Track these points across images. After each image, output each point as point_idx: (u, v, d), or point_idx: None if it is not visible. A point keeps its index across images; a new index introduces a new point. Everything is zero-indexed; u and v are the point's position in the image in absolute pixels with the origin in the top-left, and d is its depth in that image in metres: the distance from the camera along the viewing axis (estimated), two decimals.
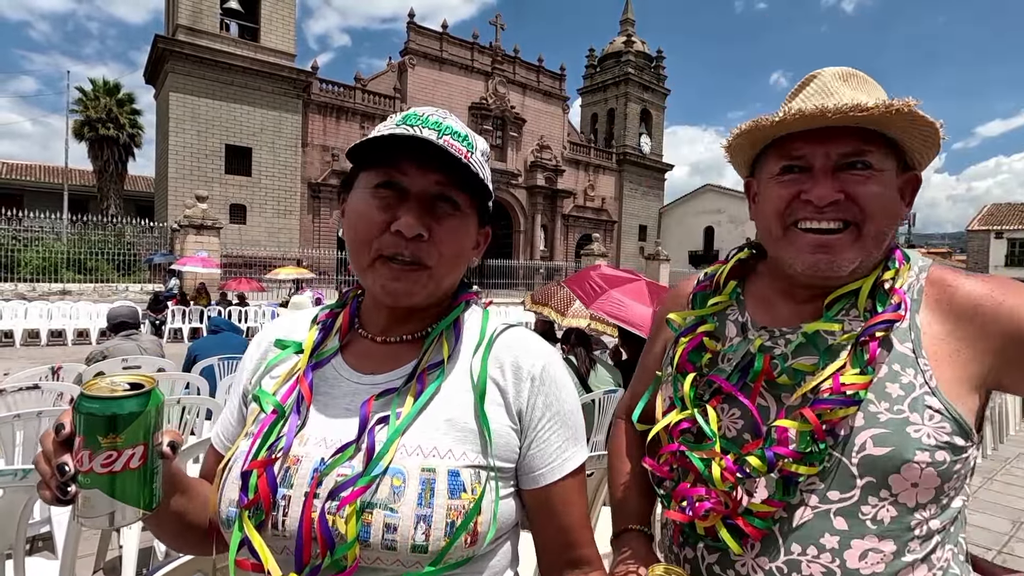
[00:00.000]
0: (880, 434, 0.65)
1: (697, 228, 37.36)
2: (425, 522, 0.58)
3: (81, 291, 13.42)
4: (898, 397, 0.66)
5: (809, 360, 0.72)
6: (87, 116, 22.59)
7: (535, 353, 0.72)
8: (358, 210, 0.67)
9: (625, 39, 35.43)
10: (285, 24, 22.49)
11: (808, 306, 0.76)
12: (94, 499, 0.52)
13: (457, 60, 27.06)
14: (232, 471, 0.64)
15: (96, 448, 0.51)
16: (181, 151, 20.14)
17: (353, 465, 0.61)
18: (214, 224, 15.43)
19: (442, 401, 0.66)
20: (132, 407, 0.52)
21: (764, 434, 0.71)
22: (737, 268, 0.88)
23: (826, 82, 0.75)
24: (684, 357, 0.81)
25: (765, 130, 0.74)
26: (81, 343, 10.63)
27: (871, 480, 0.65)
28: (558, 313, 3.64)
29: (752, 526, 0.69)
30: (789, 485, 0.68)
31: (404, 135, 0.63)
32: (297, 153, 22.58)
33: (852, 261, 0.71)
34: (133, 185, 26.92)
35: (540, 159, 29.59)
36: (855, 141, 0.70)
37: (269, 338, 0.77)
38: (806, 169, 0.72)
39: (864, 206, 0.69)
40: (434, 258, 0.66)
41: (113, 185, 23.05)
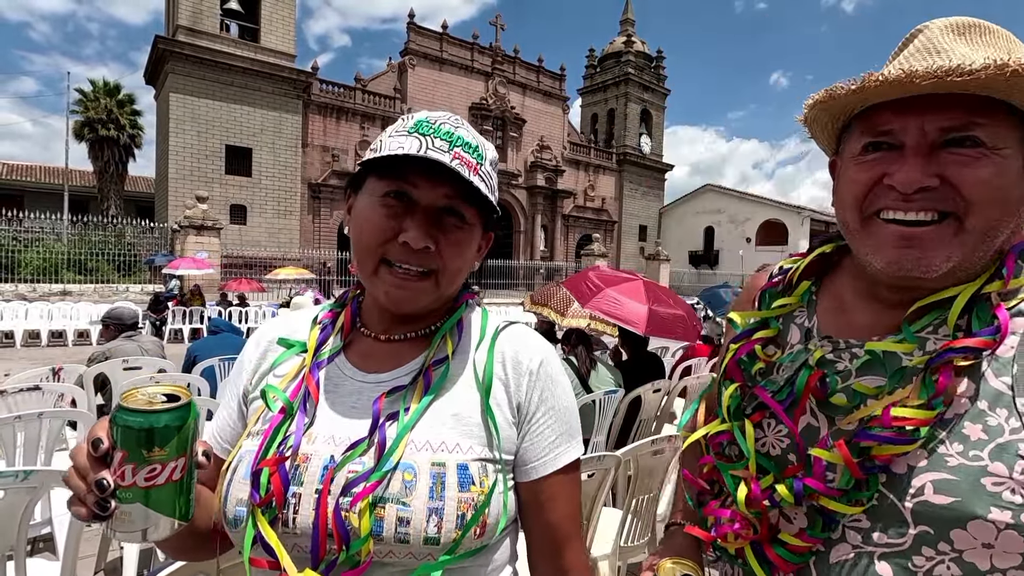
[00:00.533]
0: (945, 480, 0.54)
1: (697, 228, 37.37)
2: (437, 515, 0.59)
3: (82, 292, 13.43)
4: (978, 441, 0.54)
5: (875, 381, 0.61)
6: (87, 117, 22.61)
7: (533, 348, 0.73)
8: (365, 216, 0.68)
9: (625, 39, 35.44)
10: (285, 24, 22.50)
11: (890, 314, 0.64)
12: (133, 513, 0.52)
13: (457, 60, 27.07)
14: (238, 471, 0.65)
15: (140, 462, 0.51)
16: (181, 152, 20.15)
17: (364, 461, 0.62)
18: (214, 225, 15.43)
19: (448, 396, 0.68)
20: (173, 420, 0.52)
21: (804, 459, 0.62)
22: (817, 264, 0.75)
23: (934, 37, 0.60)
24: (732, 364, 0.73)
25: (841, 100, 0.61)
26: (82, 344, 10.63)
27: (926, 530, 0.55)
28: (558, 313, 3.65)
29: (780, 557, 0.62)
30: (827, 522, 0.60)
31: (417, 156, 0.63)
32: (297, 153, 22.59)
33: (948, 260, 0.57)
34: (133, 186, 26.93)
35: (540, 159, 29.60)
36: (960, 112, 0.56)
37: (268, 337, 0.77)
38: (896, 147, 0.59)
39: (968, 194, 0.55)
40: (439, 266, 0.68)
41: (113, 186, 23.06)
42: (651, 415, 3.64)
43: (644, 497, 2.25)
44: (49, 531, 2.23)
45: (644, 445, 2.13)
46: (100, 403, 3.59)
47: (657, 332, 3.49)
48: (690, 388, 4.10)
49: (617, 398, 3.31)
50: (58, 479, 1.60)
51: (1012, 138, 0.57)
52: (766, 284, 0.78)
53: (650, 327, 3.40)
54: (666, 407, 3.83)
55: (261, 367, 0.75)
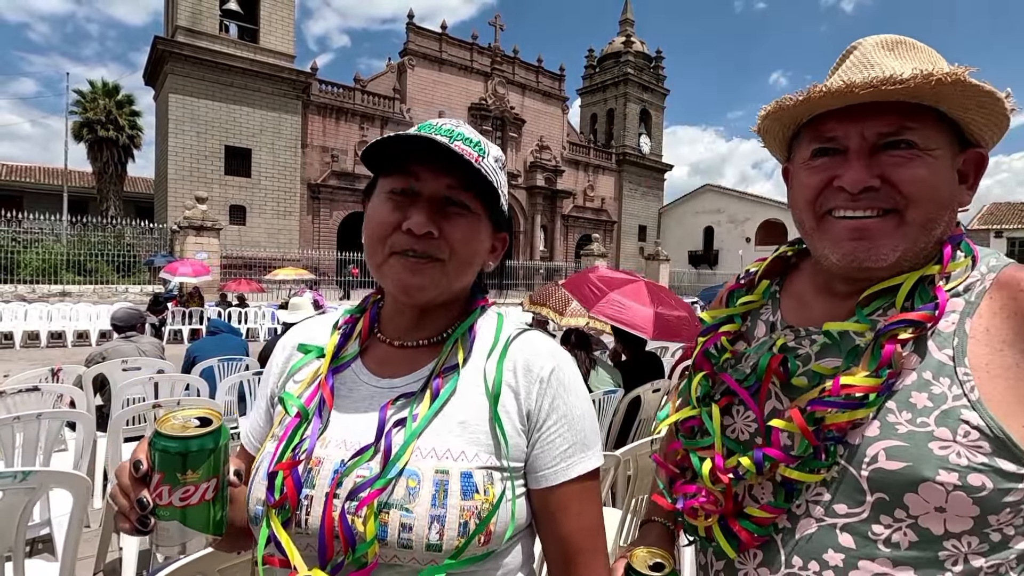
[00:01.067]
0: (896, 447, 0.58)
1: (697, 228, 37.37)
2: (439, 522, 0.60)
3: (81, 293, 13.42)
4: (924, 408, 0.58)
5: (832, 363, 0.66)
6: (86, 118, 22.59)
7: (545, 355, 0.72)
8: (373, 212, 0.72)
9: (624, 39, 35.45)
10: (284, 25, 22.51)
11: (845, 303, 0.69)
12: (171, 529, 0.56)
13: (456, 61, 27.08)
14: (258, 472, 0.68)
15: (175, 484, 0.55)
16: (181, 152, 20.15)
17: (371, 467, 0.63)
18: (214, 225, 15.42)
19: (456, 404, 0.68)
20: (207, 444, 0.57)
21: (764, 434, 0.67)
22: (777, 265, 0.82)
23: (867, 52, 0.66)
24: (700, 355, 0.78)
25: (790, 111, 0.67)
26: (81, 344, 10.63)
27: (882, 497, 0.59)
28: (557, 312, 3.65)
29: (746, 531, 0.65)
30: (789, 492, 0.64)
31: (414, 135, 0.66)
32: (296, 154, 22.59)
33: (895, 249, 0.63)
34: (133, 186, 26.92)
35: (540, 159, 29.60)
36: (895, 118, 0.62)
37: (293, 343, 0.80)
38: (840, 152, 0.65)
39: (906, 191, 0.62)
40: (445, 252, 0.69)
41: (113, 186, 23.06)
42: (650, 415, 3.64)
43: (643, 497, 2.25)
44: (48, 532, 2.23)
45: (643, 445, 2.13)
46: (99, 403, 3.58)
47: (664, 336, 3.48)
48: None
49: (616, 398, 3.31)
50: (57, 480, 1.60)
51: (941, 141, 0.63)
52: (733, 285, 0.85)
53: (657, 331, 3.39)
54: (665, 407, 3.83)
55: (287, 370, 0.78)
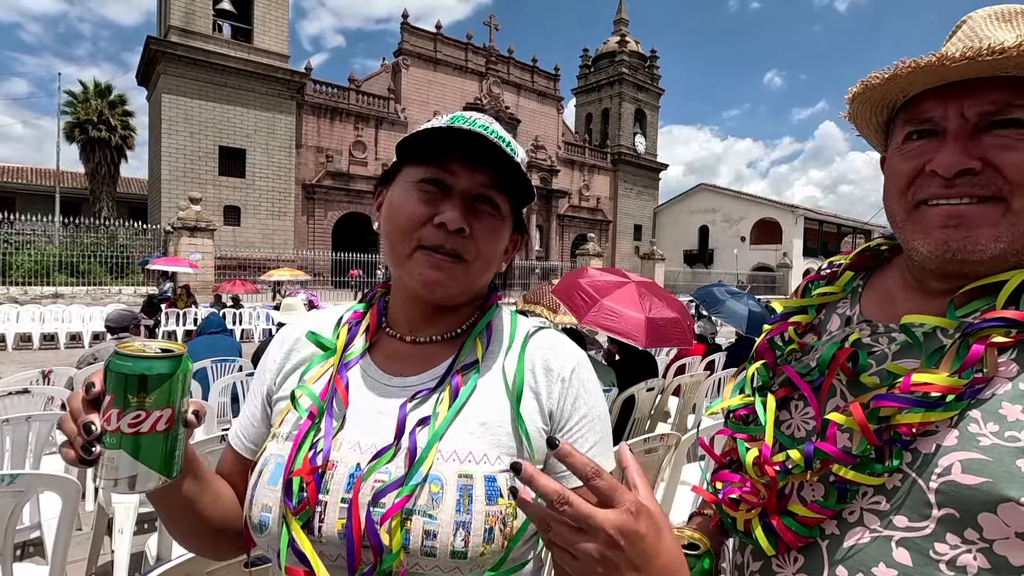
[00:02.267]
0: (975, 460, 0.50)
1: (692, 227, 37.47)
2: (464, 528, 0.58)
3: (74, 294, 13.34)
4: (1016, 422, 0.51)
5: (912, 364, 0.58)
6: (78, 118, 22.47)
7: (566, 355, 0.71)
8: (400, 201, 0.67)
9: (619, 39, 35.51)
10: (278, 25, 22.43)
11: (936, 302, 0.61)
12: (118, 460, 0.52)
13: (451, 60, 27.05)
14: (263, 476, 0.64)
15: (125, 407, 0.51)
16: (174, 153, 20.05)
17: (390, 470, 0.61)
18: (208, 226, 15.36)
19: (476, 404, 0.66)
20: (163, 368, 0.53)
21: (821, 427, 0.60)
22: (865, 258, 0.75)
23: (976, 25, 0.59)
24: (763, 344, 0.73)
25: (879, 91, 0.61)
26: (74, 347, 10.56)
27: (951, 513, 0.51)
28: (550, 311, 3.64)
29: (788, 529, 0.59)
30: (842, 494, 0.57)
31: (462, 128, 0.63)
32: (291, 154, 22.52)
33: (996, 240, 0.55)
34: (126, 187, 26.78)
35: (535, 159, 29.61)
36: (1001, 93, 0.55)
37: (293, 336, 0.76)
38: (938, 134, 0.58)
39: (1011, 176, 0.54)
40: (472, 253, 0.67)
41: (105, 187, 22.93)
42: (645, 414, 3.65)
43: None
44: (38, 535, 2.21)
45: (637, 443, 2.13)
46: None
47: (656, 343, 3.49)
48: (683, 387, 4.11)
49: (611, 397, 3.31)
50: (46, 483, 1.59)
51: None
52: (813, 276, 0.78)
53: (649, 338, 3.39)
54: (659, 406, 3.84)
55: (285, 366, 0.74)
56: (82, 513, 3.07)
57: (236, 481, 0.72)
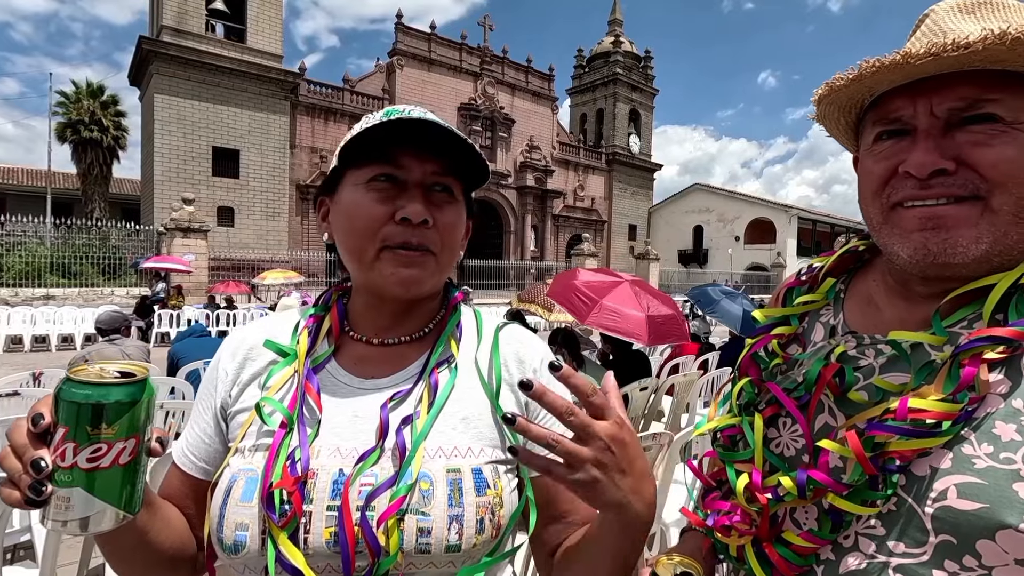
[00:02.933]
0: (971, 484, 0.49)
1: (686, 227, 37.57)
2: (458, 522, 0.59)
3: (65, 296, 13.24)
4: (1011, 442, 0.49)
5: (899, 378, 0.56)
6: (70, 118, 22.28)
7: (534, 348, 0.75)
8: (354, 205, 0.65)
9: (613, 39, 35.57)
10: (272, 25, 22.34)
11: (922, 309, 0.59)
12: (73, 499, 0.46)
13: (446, 61, 27.02)
14: (233, 494, 0.60)
15: (82, 440, 0.46)
16: (167, 153, 19.94)
17: (376, 472, 0.60)
18: (201, 227, 15.28)
19: (455, 400, 0.67)
20: (125, 395, 0.47)
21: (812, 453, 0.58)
22: (846, 261, 0.72)
23: (939, 19, 0.58)
24: (747, 359, 0.70)
25: (844, 92, 0.59)
26: (65, 348, 10.48)
27: (949, 540, 0.49)
28: (545, 309, 3.65)
29: (781, 557, 0.58)
30: (836, 523, 0.56)
31: (409, 119, 0.61)
32: (285, 155, 22.44)
33: (977, 240, 0.53)
34: (119, 188, 26.59)
35: (530, 159, 29.62)
36: (970, 87, 0.52)
37: (246, 345, 0.72)
38: (909, 133, 0.56)
39: (988, 174, 0.52)
40: (438, 244, 0.66)
41: (98, 188, 22.76)
42: (638, 413, 3.66)
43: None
44: (28, 539, 2.20)
45: None
46: None
47: (658, 340, 3.53)
48: (677, 386, 4.12)
49: None
50: None
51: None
52: (792, 282, 0.75)
53: (651, 336, 3.43)
54: (653, 405, 3.85)
55: (241, 377, 0.70)
56: None
57: (185, 503, 0.68)
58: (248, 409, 0.66)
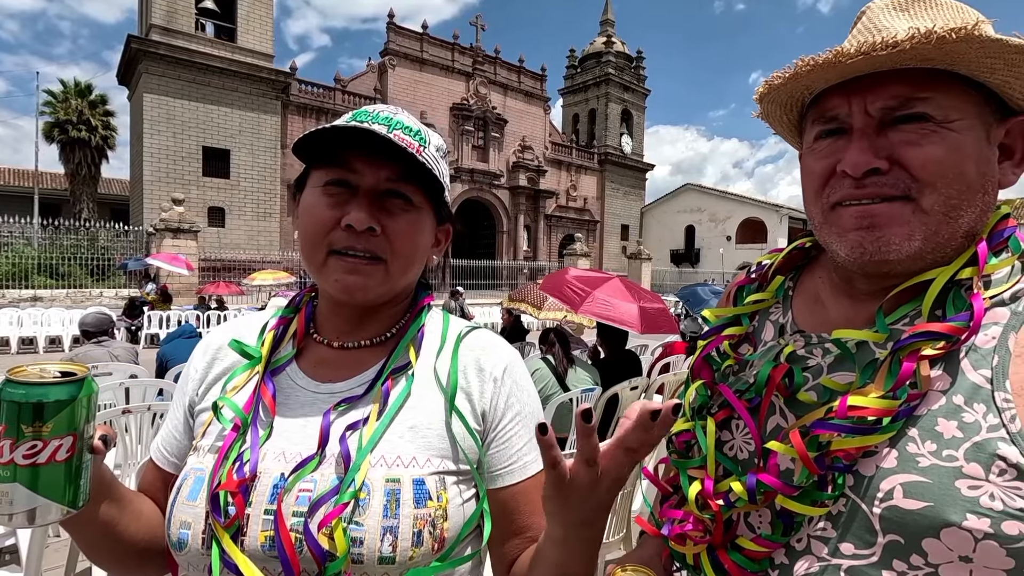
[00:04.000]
0: (915, 483, 0.49)
1: (678, 227, 37.72)
2: (392, 533, 0.57)
3: (53, 297, 13.10)
4: (952, 439, 0.49)
5: (846, 377, 0.57)
6: (57, 118, 22.05)
7: (497, 354, 0.72)
8: (308, 208, 0.66)
9: (605, 39, 35.65)
10: (263, 24, 22.21)
11: (866, 307, 0.60)
12: (13, 494, 0.49)
13: (438, 61, 26.98)
14: (182, 492, 0.61)
15: (19, 437, 0.48)
16: (156, 153, 19.77)
17: (315, 478, 0.60)
18: (191, 227, 15.17)
19: (406, 407, 0.65)
20: (61, 394, 0.50)
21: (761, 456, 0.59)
22: (794, 258, 0.72)
23: (874, 16, 0.58)
24: (700, 361, 0.70)
25: (784, 90, 0.59)
26: (53, 351, 10.37)
27: (896, 539, 0.50)
28: (535, 307, 3.68)
29: (735, 564, 0.58)
30: (788, 525, 0.56)
31: (350, 127, 0.62)
32: (276, 155, 22.31)
33: (909, 238, 0.53)
34: (107, 188, 26.34)
35: (522, 159, 29.63)
36: (902, 86, 0.53)
37: (215, 345, 0.74)
38: (846, 132, 0.57)
39: (918, 174, 0.53)
40: (387, 252, 0.65)
41: (86, 188, 22.54)
42: None
43: (620, 494, 2.27)
44: (13, 542, 2.18)
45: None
46: None
47: (650, 329, 3.57)
48: (667, 385, 4.14)
49: (594, 396, 3.33)
50: None
51: (967, 110, 0.53)
52: (742, 280, 0.75)
53: (645, 325, 3.46)
54: None
55: (208, 376, 0.72)
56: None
57: (160, 497, 0.70)
58: (209, 409, 0.67)
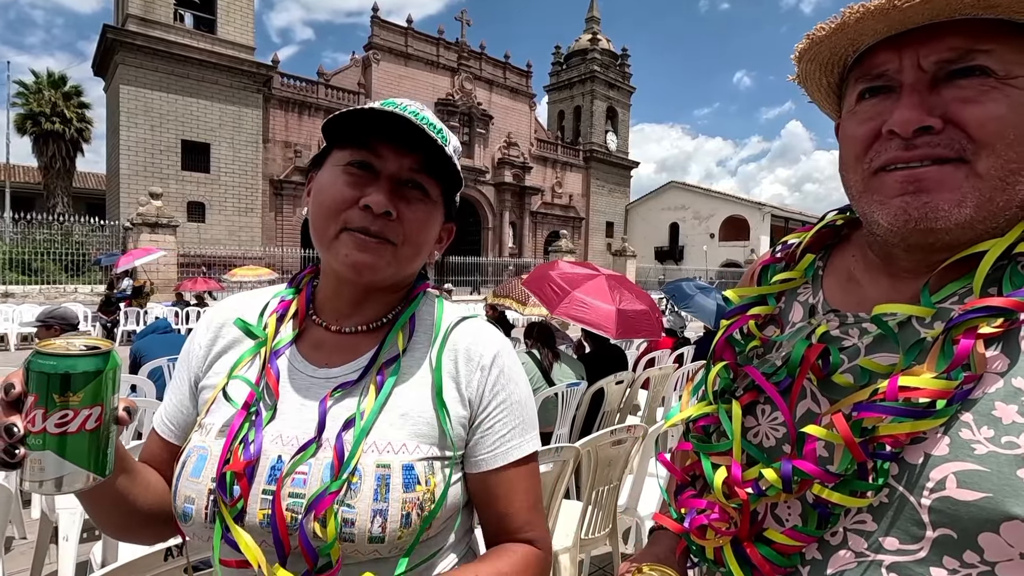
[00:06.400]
0: (971, 471, 0.45)
1: (663, 224, 38.01)
2: (381, 516, 0.60)
3: (26, 293, 12.77)
4: (1012, 424, 0.44)
5: (888, 359, 0.52)
6: (30, 110, 21.50)
7: (486, 342, 0.73)
8: (327, 184, 0.68)
9: (591, 37, 35.71)
10: (244, 16, 21.82)
11: (908, 284, 0.55)
12: (44, 462, 0.51)
13: (423, 55, 26.79)
14: (187, 468, 0.64)
15: (51, 407, 0.50)
16: (134, 146, 19.34)
17: (311, 463, 0.62)
18: (170, 222, 14.87)
19: (397, 395, 0.67)
20: (88, 366, 0.52)
21: (795, 442, 0.54)
22: (824, 236, 0.67)
23: None
24: (722, 342, 0.65)
25: (826, 45, 0.54)
26: (25, 348, 10.09)
27: (948, 534, 0.45)
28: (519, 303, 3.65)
29: (764, 558, 0.54)
30: (823, 517, 0.52)
31: (386, 111, 0.64)
32: (258, 149, 21.97)
33: (959, 204, 0.48)
34: (83, 182, 25.76)
35: (508, 156, 29.58)
36: (961, 37, 0.48)
37: (218, 321, 0.75)
38: (894, 90, 0.52)
39: (975, 133, 0.48)
40: (399, 237, 0.67)
41: (60, 182, 22.00)
42: (614, 407, 3.66)
43: (604, 488, 2.24)
44: None
45: (603, 436, 2.12)
46: None
47: (626, 334, 3.53)
48: (652, 380, 4.14)
49: (580, 390, 3.31)
50: None
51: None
52: (767, 259, 0.71)
53: (620, 329, 3.42)
54: (629, 399, 3.86)
55: (211, 352, 0.73)
56: (27, 521, 2.92)
57: (163, 468, 0.72)
58: (212, 386, 0.69)
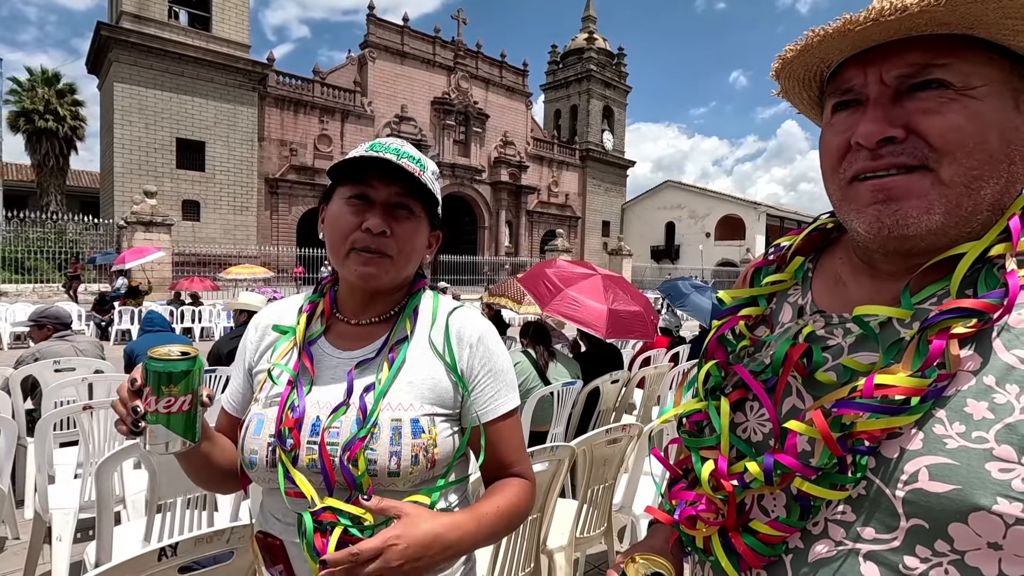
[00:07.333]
0: (942, 465, 0.47)
1: (658, 223, 38.08)
2: (396, 456, 0.81)
3: (19, 292, 12.71)
4: (983, 420, 0.47)
5: (868, 358, 0.55)
6: (23, 107, 21.37)
7: (473, 326, 0.94)
8: (336, 215, 0.88)
9: (587, 36, 35.71)
10: (239, 13, 21.74)
11: (889, 286, 0.58)
12: (156, 432, 0.74)
13: (419, 54, 26.74)
14: (250, 429, 0.86)
15: (160, 395, 0.73)
16: (128, 144, 19.25)
17: (343, 420, 0.83)
18: (164, 221, 14.81)
19: (406, 368, 0.88)
20: (183, 367, 0.74)
21: (778, 436, 0.57)
22: (814, 239, 0.70)
23: None
24: (714, 341, 0.68)
25: (798, 63, 0.58)
26: (18, 347, 10.02)
27: (921, 524, 0.48)
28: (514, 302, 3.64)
29: (748, 547, 0.57)
30: (805, 509, 0.54)
31: (372, 157, 0.84)
32: (253, 147, 21.90)
33: (928, 211, 0.51)
34: (76, 180, 25.62)
35: (504, 155, 29.57)
36: (919, 53, 0.51)
37: (264, 323, 0.98)
38: (862, 103, 0.55)
39: (936, 143, 0.50)
40: (394, 250, 0.87)
41: (54, 180, 21.88)
42: (610, 406, 3.66)
43: (600, 487, 2.25)
44: None
45: (598, 435, 2.12)
46: (30, 407, 3.36)
47: (617, 334, 3.51)
48: (648, 379, 4.15)
49: (575, 389, 3.31)
50: None
51: (991, 76, 0.51)
52: (760, 261, 0.74)
53: (610, 329, 3.41)
54: (624, 397, 3.87)
55: (260, 346, 0.96)
56: (20, 521, 2.91)
57: (231, 435, 0.96)
58: (262, 371, 0.92)
